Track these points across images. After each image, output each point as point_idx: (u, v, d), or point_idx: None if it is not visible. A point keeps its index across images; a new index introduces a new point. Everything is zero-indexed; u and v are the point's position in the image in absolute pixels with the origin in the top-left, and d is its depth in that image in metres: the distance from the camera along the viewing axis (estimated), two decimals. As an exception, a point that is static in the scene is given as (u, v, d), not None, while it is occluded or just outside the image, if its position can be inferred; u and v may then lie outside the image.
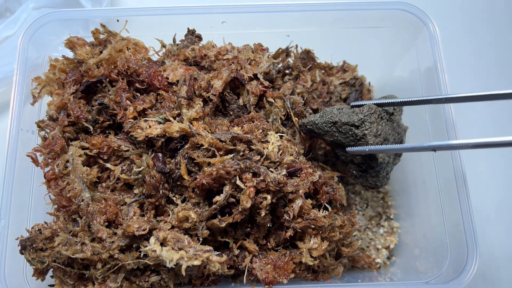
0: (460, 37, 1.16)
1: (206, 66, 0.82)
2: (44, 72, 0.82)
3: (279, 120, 0.82)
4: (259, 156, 0.71)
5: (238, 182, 0.67)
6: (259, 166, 0.69)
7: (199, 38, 0.89)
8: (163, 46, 0.87)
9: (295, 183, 0.72)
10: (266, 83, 0.81)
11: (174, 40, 0.88)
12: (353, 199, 0.98)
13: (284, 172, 0.71)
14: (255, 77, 0.82)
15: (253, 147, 0.72)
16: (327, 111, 0.78)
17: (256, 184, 0.67)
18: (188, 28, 0.89)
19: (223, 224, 0.69)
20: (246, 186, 0.67)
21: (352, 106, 0.78)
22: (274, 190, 0.69)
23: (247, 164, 0.68)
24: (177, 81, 0.77)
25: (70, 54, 0.83)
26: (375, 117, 0.75)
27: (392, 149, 0.72)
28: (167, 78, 0.77)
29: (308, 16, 0.91)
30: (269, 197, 0.68)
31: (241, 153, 0.71)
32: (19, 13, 1.03)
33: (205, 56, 0.83)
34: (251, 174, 0.68)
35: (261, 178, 0.68)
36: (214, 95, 0.76)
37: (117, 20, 0.90)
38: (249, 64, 0.83)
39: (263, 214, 0.69)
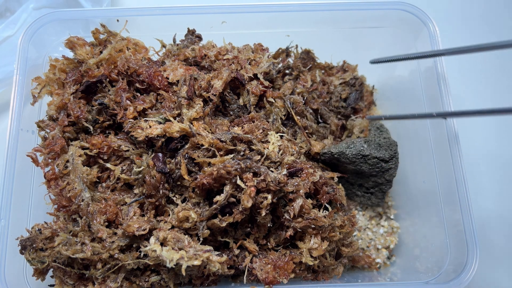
0: (460, 37, 1.16)
1: (206, 66, 0.82)
2: (44, 72, 0.82)
3: (280, 120, 0.82)
4: (259, 156, 0.71)
5: (238, 182, 0.67)
6: (259, 166, 0.69)
7: (199, 38, 0.89)
8: (163, 46, 0.87)
9: (296, 183, 0.72)
10: (266, 83, 0.81)
11: (174, 40, 0.88)
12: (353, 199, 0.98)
13: (285, 171, 0.71)
14: (255, 77, 0.82)
15: (253, 147, 0.72)
16: (355, 143, 0.85)
17: (257, 184, 0.67)
18: (188, 28, 0.89)
19: (224, 224, 0.69)
20: (247, 185, 0.67)
21: (370, 119, 0.86)
22: (275, 189, 0.69)
23: (248, 164, 0.68)
24: (177, 81, 0.77)
25: (70, 54, 0.83)
26: (398, 151, 0.86)
27: (405, 117, 0.81)
28: (167, 78, 0.77)
29: (308, 16, 0.91)
30: (269, 196, 0.68)
31: (242, 153, 0.71)
32: (20, 13, 1.03)
33: (205, 56, 0.83)
34: (251, 173, 0.68)
35: (262, 177, 0.68)
36: (214, 95, 0.76)
37: (117, 20, 0.90)
38: (249, 64, 0.83)
39: (263, 213, 0.69)
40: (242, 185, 0.67)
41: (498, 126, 1.08)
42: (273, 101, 0.82)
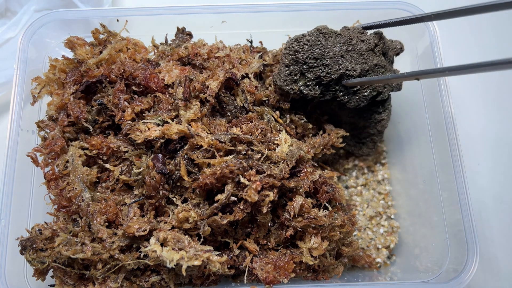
0: (460, 36, 1.16)
1: (197, 65, 0.82)
2: (44, 72, 0.82)
3: (273, 118, 0.82)
4: (259, 155, 0.71)
5: (242, 179, 0.68)
6: (261, 164, 0.70)
7: (190, 35, 0.89)
8: (156, 47, 0.87)
9: (296, 181, 0.72)
10: (255, 83, 0.81)
11: (166, 40, 0.88)
12: (354, 200, 0.98)
13: (287, 167, 0.71)
14: (247, 75, 0.82)
15: (254, 147, 0.72)
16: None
17: (260, 180, 0.67)
18: (177, 27, 0.89)
19: (224, 221, 0.69)
20: (252, 181, 0.67)
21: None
22: (278, 185, 0.69)
23: (249, 162, 0.69)
24: (173, 82, 0.77)
25: (70, 54, 0.83)
26: (391, 102, 0.87)
27: (381, 79, 0.77)
28: (163, 79, 0.77)
29: (308, 16, 0.91)
30: (271, 194, 0.68)
31: (243, 153, 0.71)
32: (21, 15, 1.03)
33: (197, 54, 0.83)
34: (254, 171, 0.69)
35: (266, 173, 0.68)
36: (211, 96, 0.76)
37: (117, 20, 0.90)
38: (240, 64, 0.83)
39: (265, 210, 0.69)
40: (246, 182, 0.67)
41: (499, 125, 1.08)
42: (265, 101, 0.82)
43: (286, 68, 0.79)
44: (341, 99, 0.80)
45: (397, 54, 0.87)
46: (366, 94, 0.80)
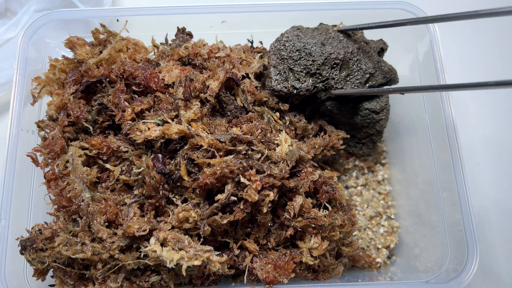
0: (460, 36, 1.16)
1: (197, 65, 0.82)
2: (44, 72, 0.82)
3: (273, 119, 0.82)
4: (259, 155, 0.71)
5: (242, 179, 0.68)
6: (261, 164, 0.70)
7: (190, 35, 0.89)
8: (156, 46, 0.87)
9: (296, 181, 0.72)
10: (255, 83, 0.81)
11: (166, 40, 0.88)
12: (354, 200, 0.98)
13: (287, 167, 0.71)
14: (247, 76, 0.82)
15: (254, 147, 0.72)
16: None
17: (260, 180, 0.67)
18: (177, 27, 0.89)
19: (224, 221, 0.69)
20: (252, 181, 0.67)
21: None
22: (278, 185, 0.69)
23: (250, 162, 0.69)
24: (173, 82, 0.77)
25: (70, 54, 0.83)
26: (389, 103, 0.88)
27: (371, 92, 0.82)
28: (163, 79, 0.77)
29: (308, 16, 0.91)
30: (271, 193, 0.68)
31: (243, 152, 0.71)
32: (21, 15, 1.03)
33: (197, 54, 0.83)
34: (254, 170, 0.69)
35: (266, 173, 0.68)
36: (211, 96, 0.76)
37: (117, 20, 0.90)
38: (240, 64, 0.83)
39: (265, 210, 0.69)
40: (246, 181, 0.67)
41: (499, 125, 1.08)
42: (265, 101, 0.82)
43: (274, 69, 0.82)
44: (336, 87, 0.82)
45: (382, 49, 0.90)
46: (358, 77, 0.82)
